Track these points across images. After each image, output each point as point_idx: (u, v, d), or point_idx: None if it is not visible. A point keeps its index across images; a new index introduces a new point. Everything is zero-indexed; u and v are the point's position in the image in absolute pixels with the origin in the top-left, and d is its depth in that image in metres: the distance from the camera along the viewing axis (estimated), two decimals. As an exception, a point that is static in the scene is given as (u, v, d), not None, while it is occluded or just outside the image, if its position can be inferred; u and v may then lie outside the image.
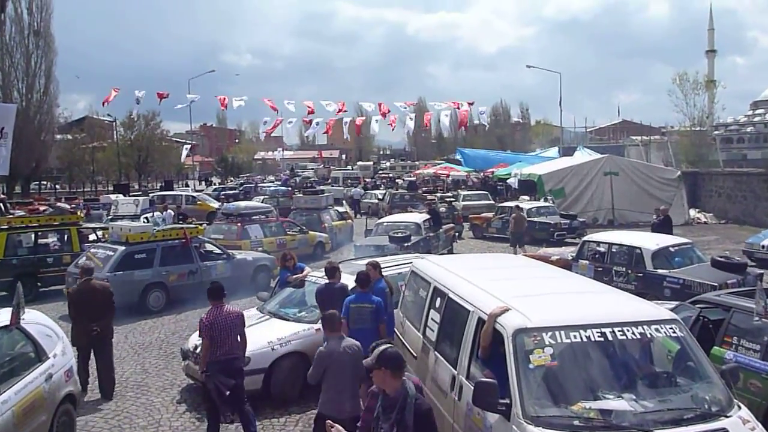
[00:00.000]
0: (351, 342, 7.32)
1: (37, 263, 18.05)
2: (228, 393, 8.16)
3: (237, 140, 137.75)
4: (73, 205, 32.54)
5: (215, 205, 36.54)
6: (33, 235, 18.51)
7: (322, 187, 40.26)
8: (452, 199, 34.06)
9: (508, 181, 38.98)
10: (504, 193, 41.14)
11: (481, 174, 52.66)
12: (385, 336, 9.42)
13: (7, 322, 7.73)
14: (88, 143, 67.05)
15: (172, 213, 24.66)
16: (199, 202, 38.11)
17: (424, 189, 42.22)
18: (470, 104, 39.05)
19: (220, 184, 74.27)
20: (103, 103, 31.13)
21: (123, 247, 15.77)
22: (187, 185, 73.14)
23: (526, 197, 33.63)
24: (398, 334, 9.65)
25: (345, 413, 6.74)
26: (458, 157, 59.09)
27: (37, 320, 8.60)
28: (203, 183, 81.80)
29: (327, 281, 10.00)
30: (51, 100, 51.49)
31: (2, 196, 23.85)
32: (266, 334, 10.16)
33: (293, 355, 9.93)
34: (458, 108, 38.56)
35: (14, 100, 46.63)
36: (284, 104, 36.09)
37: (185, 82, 59.03)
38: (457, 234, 26.02)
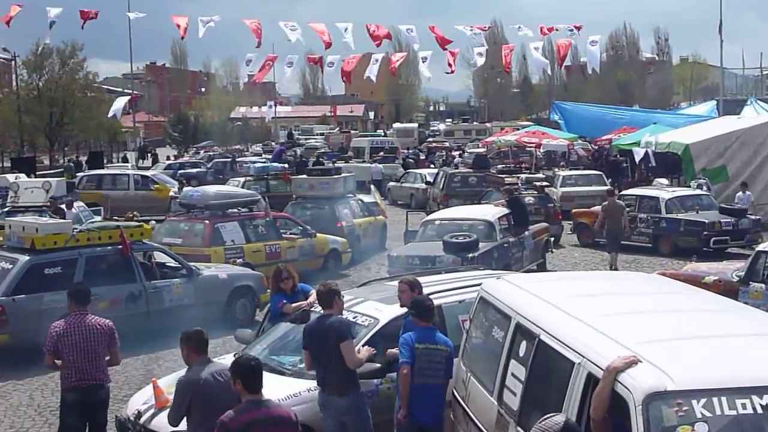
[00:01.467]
0: (221, 367, 8.43)
1: None
2: None
3: (203, 89, 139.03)
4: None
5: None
6: None
7: (337, 164, 40.37)
8: (545, 184, 33.90)
9: (635, 152, 38.70)
10: (629, 174, 40.82)
11: (593, 143, 52.34)
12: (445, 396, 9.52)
13: None
14: (-28, 94, 68.12)
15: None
16: (156, 187, 38.41)
17: (500, 167, 42.06)
18: (576, 30, 38.74)
19: (176, 157, 75.06)
20: (7, 23, 31.26)
21: (26, 257, 15.96)
22: (125, 159, 73.94)
23: (664, 181, 33.32)
24: (457, 396, 9.64)
25: None
26: (555, 116, 58.83)
27: None
28: (145, 156, 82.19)
29: (321, 313, 10.07)
30: None
31: None
32: (250, 395, 10.23)
33: (292, 430, 9.99)
34: (555, 35, 38.31)
35: None
36: (280, 28, 35.89)
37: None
38: (552, 239, 25.87)
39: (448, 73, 36.71)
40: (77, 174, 42.49)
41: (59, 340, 9.81)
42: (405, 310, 10.07)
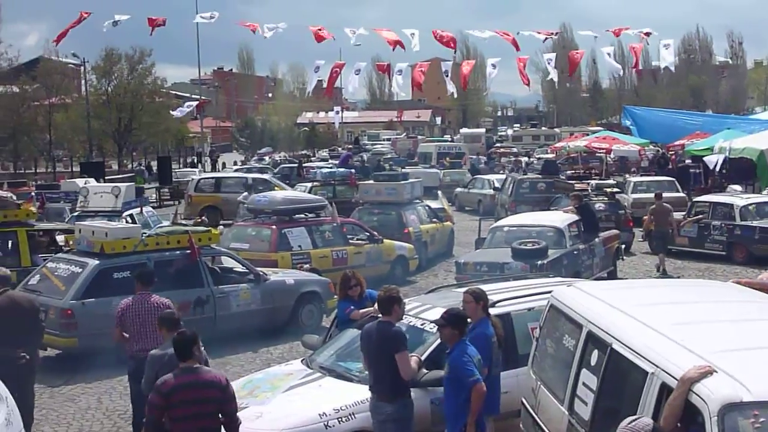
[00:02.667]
0: None
1: (-35, 284, 18.76)
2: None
3: (270, 94, 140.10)
4: (19, 194, 33.56)
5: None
6: (-39, 241, 19.25)
7: (404, 170, 40.38)
8: (616, 190, 33.64)
9: (706, 160, 38.24)
10: (701, 181, 40.32)
11: (664, 149, 51.76)
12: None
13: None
14: (43, 99, 69.31)
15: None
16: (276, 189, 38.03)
17: (569, 173, 41.81)
18: (646, 35, 38.39)
19: (243, 162, 75.71)
20: (58, 38, 31.64)
21: (96, 261, 16.19)
22: (195, 164, 74.50)
23: (738, 188, 32.86)
24: (527, 406, 9.61)
25: None
26: (626, 121, 58.34)
27: (-31, 372, 8.92)
28: (205, 162, 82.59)
29: (379, 319, 10.06)
30: (-13, 32, 53.62)
31: None
32: (316, 401, 10.28)
33: (359, 437, 10.04)
34: (626, 39, 37.93)
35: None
36: (345, 34, 36.02)
37: (191, 3, 60.31)
38: (623, 246, 25.65)
39: (527, 85, 36.61)
40: (195, 176, 42.85)
41: (123, 314, 11.57)
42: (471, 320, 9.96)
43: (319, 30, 34.69)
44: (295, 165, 57.29)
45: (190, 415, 8.23)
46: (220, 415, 8.43)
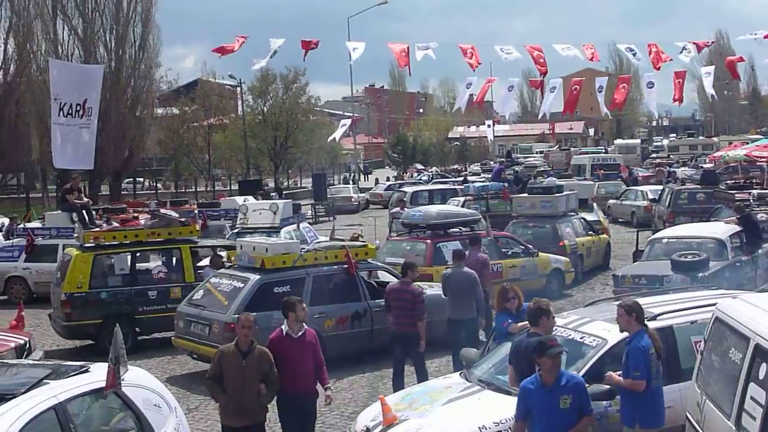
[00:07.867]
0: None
1: (134, 299, 19.51)
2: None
3: (421, 110, 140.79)
4: (182, 213, 34.61)
5: None
6: (129, 257, 20.07)
7: (558, 182, 39.98)
8: (780, 200, 32.63)
9: None
10: None
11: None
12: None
13: (102, 384, 8.44)
14: (202, 120, 71.42)
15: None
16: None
17: (729, 183, 40.72)
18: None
19: (396, 178, 76.29)
20: (221, 52, 32.39)
21: (257, 276, 16.60)
22: (349, 181, 75.42)
23: None
24: (692, 420, 9.43)
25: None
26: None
27: (143, 382, 9.32)
28: (362, 177, 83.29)
29: (528, 331, 10.02)
30: (150, 57, 55.57)
31: (86, 199, 25.95)
32: (475, 414, 10.30)
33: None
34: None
35: (100, 59, 50.77)
36: (496, 52, 35.94)
37: (342, 21, 61.42)
38: (788, 258, 24.90)
39: (676, 101, 35.76)
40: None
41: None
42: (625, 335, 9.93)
43: (470, 50, 34.63)
44: (449, 179, 57.26)
45: (394, 306, 14.79)
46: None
